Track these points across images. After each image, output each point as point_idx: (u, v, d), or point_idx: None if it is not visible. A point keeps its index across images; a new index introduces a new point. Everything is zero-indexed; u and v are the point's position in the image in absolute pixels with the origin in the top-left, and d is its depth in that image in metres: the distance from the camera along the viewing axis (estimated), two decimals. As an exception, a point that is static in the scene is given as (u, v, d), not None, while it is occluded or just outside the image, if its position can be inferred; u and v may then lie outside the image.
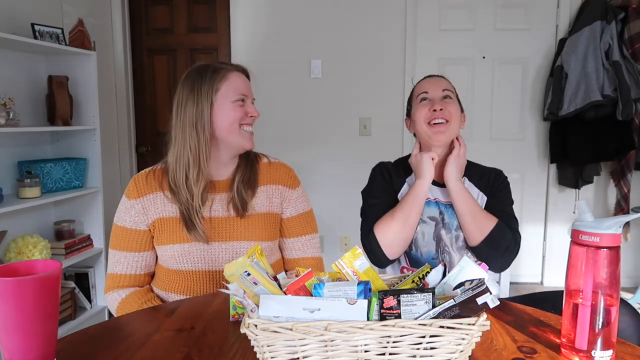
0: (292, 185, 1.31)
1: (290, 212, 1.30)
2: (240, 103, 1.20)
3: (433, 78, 1.39)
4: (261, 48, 3.26)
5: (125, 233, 1.23)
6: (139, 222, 1.22)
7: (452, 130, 1.29)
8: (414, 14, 3.17)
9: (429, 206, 1.33)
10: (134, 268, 1.23)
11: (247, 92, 1.23)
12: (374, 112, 3.28)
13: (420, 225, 1.31)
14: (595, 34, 2.87)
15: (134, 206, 1.22)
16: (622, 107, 2.82)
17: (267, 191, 1.27)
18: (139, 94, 3.42)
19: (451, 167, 1.27)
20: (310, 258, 1.31)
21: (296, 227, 1.31)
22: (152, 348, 0.82)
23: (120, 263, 1.23)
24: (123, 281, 1.23)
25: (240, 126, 1.20)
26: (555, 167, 3.25)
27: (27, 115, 2.46)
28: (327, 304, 0.66)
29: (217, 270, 1.21)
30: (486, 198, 1.35)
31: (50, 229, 2.60)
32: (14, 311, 0.66)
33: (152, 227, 1.22)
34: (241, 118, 1.20)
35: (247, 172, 1.26)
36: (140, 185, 1.23)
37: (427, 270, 0.80)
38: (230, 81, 1.20)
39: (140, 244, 1.23)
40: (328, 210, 3.13)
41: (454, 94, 1.35)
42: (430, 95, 1.32)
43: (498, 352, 0.79)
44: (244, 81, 1.24)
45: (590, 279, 0.75)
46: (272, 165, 1.32)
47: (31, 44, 2.24)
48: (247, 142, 1.22)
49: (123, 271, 1.23)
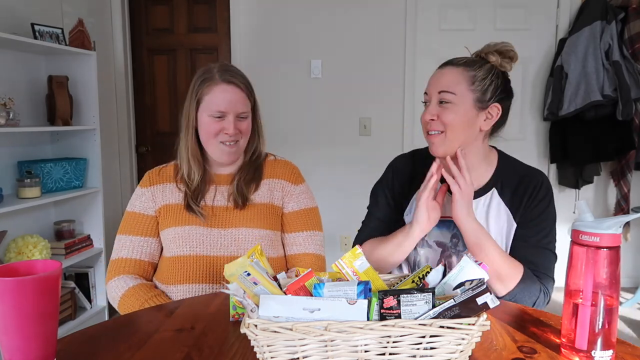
0: (295, 181, 1.32)
1: (292, 206, 1.31)
2: (217, 119, 1.21)
3: (440, 71, 1.14)
4: (261, 48, 3.26)
5: (134, 217, 1.29)
6: (147, 208, 1.29)
7: (450, 143, 1.09)
8: (414, 13, 3.17)
9: (440, 228, 1.15)
10: (138, 253, 1.26)
11: (226, 109, 1.20)
12: (374, 112, 3.28)
13: (423, 249, 1.17)
14: (595, 34, 2.87)
15: (145, 193, 1.30)
16: (622, 107, 2.82)
17: (269, 184, 1.30)
18: (139, 94, 3.42)
19: (458, 207, 1.04)
20: (311, 254, 1.30)
21: (297, 222, 1.31)
22: (152, 348, 0.82)
23: (126, 247, 1.27)
24: (126, 265, 1.25)
25: (217, 140, 1.22)
26: (555, 167, 3.25)
27: (27, 115, 2.46)
28: (327, 304, 0.66)
29: (216, 256, 1.22)
30: (516, 227, 1.11)
31: (50, 229, 2.60)
32: (14, 311, 0.66)
33: (159, 213, 1.28)
34: (216, 133, 1.22)
35: (251, 172, 1.30)
36: (153, 176, 1.32)
37: (427, 270, 0.80)
38: (212, 95, 1.21)
39: (147, 228, 1.28)
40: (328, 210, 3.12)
41: (469, 89, 1.09)
42: (429, 97, 1.13)
43: (498, 352, 0.79)
44: (229, 96, 1.21)
45: (590, 279, 0.75)
46: (278, 162, 1.36)
47: (31, 44, 2.24)
48: (223, 156, 1.24)
49: (127, 255, 1.26)
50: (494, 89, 1.10)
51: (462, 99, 1.08)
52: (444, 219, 1.14)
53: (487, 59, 1.12)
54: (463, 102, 1.08)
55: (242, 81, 1.24)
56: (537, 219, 1.11)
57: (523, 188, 1.13)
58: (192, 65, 3.38)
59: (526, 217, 1.12)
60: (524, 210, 1.12)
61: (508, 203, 1.13)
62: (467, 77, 1.09)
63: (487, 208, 1.14)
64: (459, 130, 1.09)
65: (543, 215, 1.12)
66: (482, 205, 1.14)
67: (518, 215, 1.12)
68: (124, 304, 1.20)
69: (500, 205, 1.13)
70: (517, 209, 1.12)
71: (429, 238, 1.17)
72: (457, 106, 1.08)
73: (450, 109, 1.09)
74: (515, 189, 1.13)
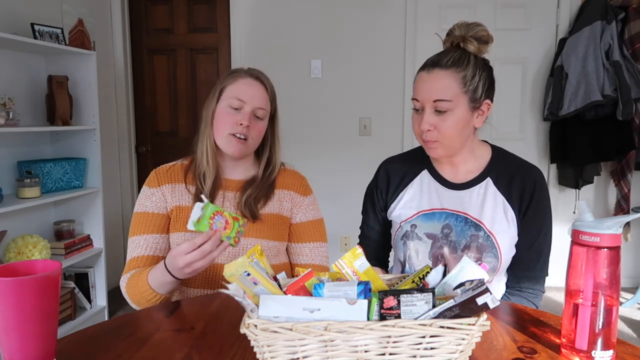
0: (304, 193, 1.32)
1: (300, 218, 1.30)
2: (234, 109, 1.20)
3: (431, 74, 1.06)
4: (261, 48, 3.26)
5: (146, 217, 1.23)
6: (160, 207, 1.24)
7: (448, 148, 1.09)
8: (414, 13, 3.18)
9: (431, 219, 1.14)
10: (154, 249, 1.21)
11: (246, 99, 1.19)
12: (374, 112, 3.28)
13: (414, 242, 1.16)
14: (595, 34, 2.87)
15: (155, 193, 1.24)
16: (622, 107, 2.82)
17: (279, 195, 1.29)
18: (139, 94, 3.42)
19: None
20: (317, 266, 1.30)
21: (305, 233, 1.30)
22: (152, 348, 0.82)
23: (140, 246, 1.21)
24: (140, 263, 1.19)
25: (228, 130, 1.19)
26: (555, 167, 3.25)
27: (27, 115, 2.46)
28: (327, 304, 0.66)
29: (221, 265, 1.21)
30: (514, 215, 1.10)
31: (50, 229, 2.60)
32: (13, 311, 0.66)
33: (171, 213, 1.24)
34: (229, 124, 1.19)
35: (264, 189, 1.26)
36: (161, 175, 1.27)
37: (427, 270, 0.80)
38: (235, 85, 1.21)
39: (161, 226, 1.23)
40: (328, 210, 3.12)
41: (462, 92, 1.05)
42: (421, 104, 1.08)
43: (498, 352, 0.79)
44: (253, 89, 1.21)
45: (590, 279, 0.75)
46: (287, 172, 1.34)
47: (31, 44, 2.24)
48: (231, 147, 1.20)
49: (142, 253, 1.20)
50: (483, 85, 1.09)
51: (458, 104, 1.05)
52: (433, 211, 1.15)
53: (465, 48, 1.08)
54: (459, 107, 1.06)
55: (268, 83, 1.26)
56: (538, 214, 1.12)
57: (520, 180, 1.12)
58: (192, 65, 3.38)
59: (528, 213, 1.11)
60: (525, 209, 1.11)
61: (504, 191, 1.12)
62: (458, 79, 1.05)
63: (483, 197, 1.13)
64: (455, 136, 1.07)
65: (544, 207, 1.12)
66: (477, 194, 1.14)
67: (515, 205, 1.11)
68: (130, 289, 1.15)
69: (497, 193, 1.12)
70: (514, 199, 1.11)
71: (419, 230, 1.14)
72: (454, 112, 1.06)
73: (447, 117, 1.05)
74: (511, 178, 1.12)
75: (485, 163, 1.16)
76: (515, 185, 1.12)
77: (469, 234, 1.11)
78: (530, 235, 1.13)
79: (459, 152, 1.13)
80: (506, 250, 1.12)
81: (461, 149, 1.13)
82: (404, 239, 1.19)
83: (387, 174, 1.26)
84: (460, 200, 1.13)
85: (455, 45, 1.10)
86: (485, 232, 1.10)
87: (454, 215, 1.12)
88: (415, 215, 1.18)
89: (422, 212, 1.17)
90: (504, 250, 1.11)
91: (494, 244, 1.10)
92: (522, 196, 1.11)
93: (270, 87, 1.27)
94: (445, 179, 1.17)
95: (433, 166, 1.21)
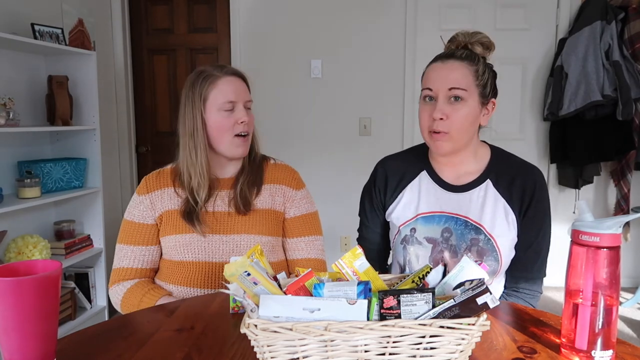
0: (295, 186, 1.32)
1: (294, 212, 1.30)
2: (228, 112, 1.20)
3: (446, 64, 1.07)
4: (261, 48, 3.26)
5: (133, 227, 1.26)
6: (146, 217, 1.26)
7: (455, 143, 1.08)
8: (414, 13, 3.17)
9: (430, 222, 1.13)
10: (140, 262, 1.25)
11: (235, 98, 1.21)
12: (374, 112, 3.28)
13: (414, 246, 1.14)
14: (595, 34, 2.87)
15: (143, 201, 1.26)
16: (622, 107, 2.82)
17: (270, 190, 1.29)
18: (139, 94, 3.42)
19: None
20: (313, 259, 1.31)
21: (299, 227, 1.31)
22: (152, 348, 0.82)
23: (127, 257, 1.25)
24: (128, 275, 1.25)
25: (231, 134, 1.21)
26: (555, 167, 3.25)
27: (27, 115, 2.46)
28: (327, 304, 0.66)
29: (217, 262, 1.21)
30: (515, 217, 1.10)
31: (50, 229, 2.60)
32: (13, 311, 0.66)
33: (159, 220, 1.25)
34: (229, 127, 1.21)
35: (253, 175, 1.28)
36: (150, 182, 1.28)
37: (427, 270, 0.80)
38: (218, 88, 1.20)
39: (147, 237, 1.25)
40: (328, 210, 3.12)
41: (475, 84, 1.06)
42: (435, 93, 1.07)
43: (498, 352, 0.79)
44: (234, 86, 1.22)
45: (590, 279, 0.75)
46: (278, 166, 1.34)
47: (31, 44, 2.24)
48: (238, 149, 1.23)
49: (129, 265, 1.25)
50: (491, 84, 1.10)
51: (471, 95, 1.06)
52: (432, 214, 1.14)
53: (473, 50, 1.10)
54: (472, 99, 1.06)
55: (242, 74, 1.27)
56: (537, 216, 1.11)
57: (521, 181, 1.11)
58: (192, 65, 3.38)
59: (526, 221, 1.11)
60: (525, 210, 1.10)
61: (505, 193, 1.11)
62: (472, 71, 1.06)
63: (483, 200, 1.12)
64: (465, 129, 1.07)
65: (544, 209, 1.12)
66: (477, 197, 1.13)
67: (516, 207, 1.11)
68: (125, 304, 1.21)
69: (497, 195, 1.11)
70: (515, 201, 1.11)
71: (419, 234, 1.14)
72: (467, 103, 1.06)
73: (460, 107, 1.05)
74: (512, 180, 1.12)
75: (485, 164, 1.15)
76: (516, 186, 1.11)
77: (469, 237, 1.10)
78: (529, 236, 1.12)
79: (462, 150, 1.13)
80: (506, 253, 1.11)
81: (465, 147, 1.12)
82: (403, 243, 1.17)
83: (385, 173, 1.24)
84: (459, 203, 1.12)
85: (462, 47, 1.12)
86: (485, 236, 1.10)
87: (453, 219, 1.11)
88: (414, 218, 1.16)
89: (421, 214, 1.16)
90: (504, 253, 1.10)
91: (495, 247, 1.09)
92: (522, 197, 1.11)
93: (245, 77, 1.27)
94: (444, 181, 1.16)
95: (432, 167, 1.19)
